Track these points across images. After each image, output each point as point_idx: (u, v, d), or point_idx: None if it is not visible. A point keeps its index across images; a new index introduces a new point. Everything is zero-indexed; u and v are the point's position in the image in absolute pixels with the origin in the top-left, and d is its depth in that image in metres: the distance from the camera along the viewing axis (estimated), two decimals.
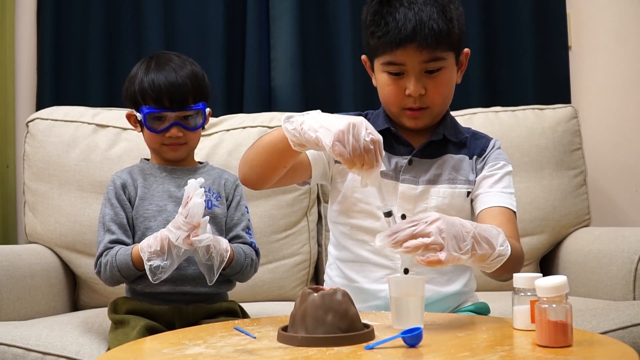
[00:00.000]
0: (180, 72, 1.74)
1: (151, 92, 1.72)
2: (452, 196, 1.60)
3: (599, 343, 1.19)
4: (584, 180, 2.49)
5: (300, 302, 1.22)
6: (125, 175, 1.79)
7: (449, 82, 1.60)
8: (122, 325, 1.67)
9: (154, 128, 1.74)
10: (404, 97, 1.57)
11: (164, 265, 1.56)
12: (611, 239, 2.20)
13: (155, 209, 1.73)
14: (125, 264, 1.65)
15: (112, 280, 1.69)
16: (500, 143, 1.70)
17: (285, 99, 2.70)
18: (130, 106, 1.79)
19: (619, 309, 1.81)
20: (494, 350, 1.12)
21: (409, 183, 1.60)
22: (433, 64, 1.55)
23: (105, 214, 1.74)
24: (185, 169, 1.82)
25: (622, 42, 2.79)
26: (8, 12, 2.59)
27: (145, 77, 1.74)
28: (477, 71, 2.73)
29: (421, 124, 1.62)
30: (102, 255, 1.70)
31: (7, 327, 1.77)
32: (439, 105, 1.60)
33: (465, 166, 1.63)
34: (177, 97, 1.72)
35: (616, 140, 2.78)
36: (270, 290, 2.35)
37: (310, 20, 2.73)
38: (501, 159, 1.65)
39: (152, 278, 1.57)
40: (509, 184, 1.62)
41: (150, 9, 2.69)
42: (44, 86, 2.65)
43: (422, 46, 1.51)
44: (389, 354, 1.13)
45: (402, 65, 1.55)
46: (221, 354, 1.15)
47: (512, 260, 1.37)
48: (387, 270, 1.58)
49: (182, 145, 1.77)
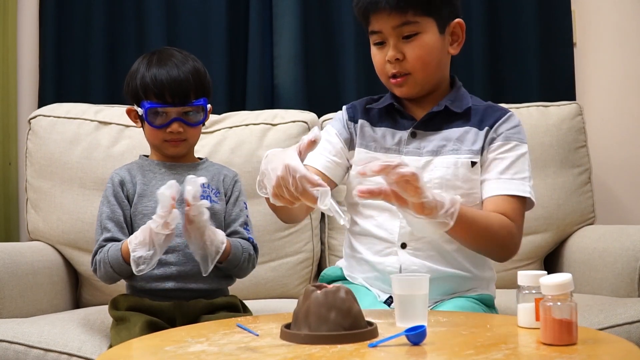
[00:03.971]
0: (183, 67, 1.74)
1: (153, 87, 1.72)
2: (456, 165, 1.61)
3: (603, 341, 1.19)
4: (588, 178, 2.48)
5: (304, 299, 1.22)
6: (123, 173, 1.79)
7: (428, 47, 1.62)
8: (123, 322, 1.67)
9: (155, 123, 1.74)
10: (385, 64, 1.64)
11: (146, 255, 1.55)
12: (616, 237, 2.19)
13: (154, 206, 1.68)
14: (116, 260, 1.65)
15: (107, 277, 1.70)
16: (518, 120, 1.68)
17: (288, 96, 2.70)
18: (131, 101, 1.79)
19: (625, 305, 1.82)
20: (499, 348, 1.11)
21: (412, 155, 1.63)
22: (407, 28, 1.60)
23: (103, 212, 1.75)
24: (185, 165, 1.82)
25: (627, 39, 2.78)
26: (10, 9, 2.59)
27: (147, 72, 1.73)
28: (481, 68, 2.72)
29: (407, 91, 1.66)
30: (97, 254, 1.71)
31: (9, 324, 1.77)
32: (420, 71, 1.63)
33: (471, 137, 1.63)
34: (179, 92, 1.72)
35: (621, 137, 2.77)
36: (273, 288, 2.35)
37: (313, 18, 2.72)
38: (514, 139, 1.64)
39: (135, 269, 1.56)
40: (522, 167, 1.62)
41: (153, 6, 2.69)
42: (46, 83, 2.65)
43: (388, 10, 1.58)
44: (392, 351, 1.13)
45: (381, 33, 1.62)
46: (224, 352, 1.14)
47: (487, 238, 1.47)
48: (387, 243, 1.62)
49: (183, 141, 1.77)
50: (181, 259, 1.71)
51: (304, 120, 2.43)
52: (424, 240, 1.59)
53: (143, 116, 1.74)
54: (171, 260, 1.71)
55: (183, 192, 1.57)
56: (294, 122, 2.42)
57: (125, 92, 1.81)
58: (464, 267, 1.61)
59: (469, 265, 1.62)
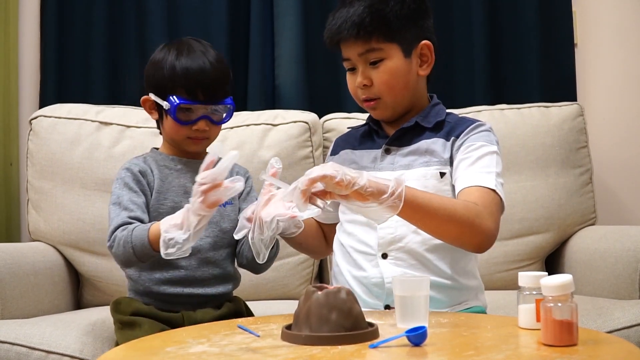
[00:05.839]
0: (215, 63, 1.66)
1: (185, 82, 1.63)
2: (425, 177, 1.63)
3: (604, 342, 1.19)
4: (589, 178, 2.48)
5: (305, 300, 1.22)
6: (142, 164, 1.69)
7: (393, 71, 1.66)
8: (131, 327, 1.60)
9: (182, 119, 1.65)
10: (357, 89, 1.69)
11: (178, 238, 1.39)
12: (617, 237, 2.19)
13: (171, 205, 1.65)
14: (140, 241, 1.51)
15: (124, 258, 1.55)
16: (488, 126, 1.69)
17: (289, 96, 2.70)
18: (154, 92, 1.68)
19: (624, 308, 1.81)
20: (499, 349, 1.11)
21: (386, 170, 1.66)
22: (372, 55, 1.65)
23: (121, 195, 1.62)
24: (200, 163, 1.76)
25: (628, 39, 2.78)
26: (12, 9, 2.59)
27: (177, 64, 1.64)
28: (482, 69, 2.72)
29: (381, 114, 1.72)
30: (117, 229, 1.56)
31: (11, 326, 1.76)
32: (388, 95, 1.67)
33: (438, 147, 1.65)
34: (212, 90, 1.65)
35: (622, 138, 2.77)
36: (274, 289, 2.35)
37: (314, 17, 2.72)
38: (481, 140, 1.63)
39: (163, 251, 1.40)
40: (489, 163, 1.61)
41: (153, 6, 2.69)
42: (47, 84, 2.65)
43: (353, 39, 1.65)
44: (393, 352, 1.13)
45: (350, 60, 1.69)
46: (225, 353, 1.14)
47: (449, 220, 1.46)
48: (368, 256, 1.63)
49: (205, 139, 1.70)
50: (192, 264, 1.65)
51: (305, 120, 2.43)
52: (405, 249, 1.60)
53: (168, 110, 1.64)
54: (182, 264, 1.64)
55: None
56: (295, 123, 2.42)
57: (147, 83, 1.70)
58: (447, 275, 1.59)
59: (452, 272, 1.60)
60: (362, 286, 1.63)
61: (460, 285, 1.62)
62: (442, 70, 1.76)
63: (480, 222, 1.48)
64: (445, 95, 1.89)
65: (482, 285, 1.70)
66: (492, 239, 1.52)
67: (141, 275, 1.65)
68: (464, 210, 1.48)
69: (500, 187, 1.58)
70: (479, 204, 1.51)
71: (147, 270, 1.64)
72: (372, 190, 1.36)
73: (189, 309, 1.66)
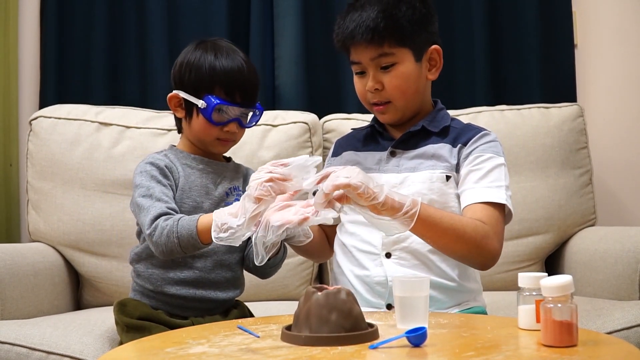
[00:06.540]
0: (250, 67, 1.68)
1: (226, 83, 1.63)
2: (431, 180, 1.64)
3: (604, 343, 1.19)
4: (589, 179, 2.48)
5: (304, 301, 1.22)
6: (166, 159, 1.67)
7: (405, 76, 1.67)
8: (139, 331, 1.58)
9: (216, 120, 1.64)
10: (367, 93, 1.70)
11: (232, 223, 1.37)
12: (617, 238, 2.19)
13: (192, 205, 1.64)
14: (187, 231, 1.49)
15: (165, 248, 1.52)
16: (495, 136, 1.71)
17: (289, 97, 2.70)
18: (188, 90, 1.65)
19: (624, 309, 1.80)
20: (499, 349, 1.11)
21: (391, 172, 1.67)
22: (384, 60, 1.65)
23: (151, 187, 1.59)
24: (220, 165, 1.74)
25: (628, 40, 2.78)
26: (12, 10, 2.59)
27: (217, 63, 1.63)
28: (482, 69, 2.73)
29: (390, 118, 1.72)
30: (160, 217, 1.53)
31: (11, 326, 1.76)
32: (400, 99, 1.68)
33: (445, 152, 1.67)
34: (249, 93, 1.66)
35: (622, 139, 2.77)
36: (274, 290, 2.35)
37: (314, 18, 2.72)
38: (489, 151, 1.65)
39: (215, 235, 1.38)
40: (498, 176, 1.63)
41: (154, 7, 2.69)
42: (47, 84, 2.65)
43: (365, 43, 1.64)
44: (393, 353, 1.13)
45: (360, 64, 1.68)
46: (225, 353, 1.14)
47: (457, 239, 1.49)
48: (372, 255, 1.64)
49: (232, 141, 1.70)
50: (207, 266, 1.64)
51: (304, 121, 2.43)
52: (408, 249, 1.61)
53: (204, 109, 1.62)
54: (197, 265, 1.63)
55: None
56: (294, 123, 2.42)
57: (182, 81, 1.67)
58: (448, 277, 1.61)
59: (453, 274, 1.62)
60: (364, 285, 1.64)
61: (462, 287, 1.64)
62: (442, 71, 1.75)
63: (487, 242, 1.53)
64: (445, 96, 1.89)
65: (481, 288, 1.72)
66: (496, 258, 1.58)
67: (153, 274, 1.64)
68: (472, 231, 1.52)
69: (509, 200, 1.61)
70: (486, 223, 1.55)
71: (161, 268, 1.63)
72: (388, 207, 1.39)
73: (197, 315, 1.64)
